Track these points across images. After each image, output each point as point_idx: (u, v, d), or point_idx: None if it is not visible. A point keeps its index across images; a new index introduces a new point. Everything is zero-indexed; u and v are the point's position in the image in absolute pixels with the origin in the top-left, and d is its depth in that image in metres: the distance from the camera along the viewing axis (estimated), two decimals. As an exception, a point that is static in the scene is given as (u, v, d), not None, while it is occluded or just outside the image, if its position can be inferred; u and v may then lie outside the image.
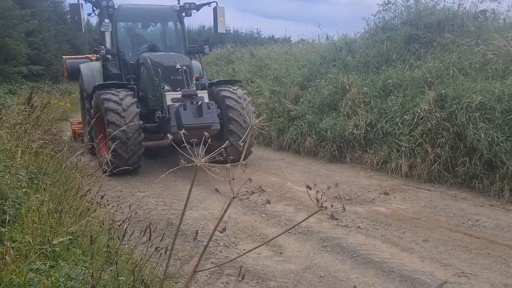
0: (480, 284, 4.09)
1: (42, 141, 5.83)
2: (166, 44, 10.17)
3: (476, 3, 10.90)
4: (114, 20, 9.30)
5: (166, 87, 8.09)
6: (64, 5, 31.11)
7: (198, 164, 1.34)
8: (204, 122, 7.68)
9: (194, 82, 8.59)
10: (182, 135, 5.94)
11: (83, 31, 9.19)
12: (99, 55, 8.97)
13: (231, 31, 38.22)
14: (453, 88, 7.98)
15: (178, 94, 7.98)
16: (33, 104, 7.26)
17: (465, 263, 4.53)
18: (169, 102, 7.81)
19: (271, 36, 35.69)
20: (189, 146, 1.52)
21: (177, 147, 1.88)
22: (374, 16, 13.07)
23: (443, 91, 7.99)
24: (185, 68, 8.21)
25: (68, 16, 32.09)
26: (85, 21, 9.02)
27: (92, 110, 8.62)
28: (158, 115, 7.98)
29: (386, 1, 12.70)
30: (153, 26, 10.35)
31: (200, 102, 7.83)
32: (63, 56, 13.95)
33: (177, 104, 7.75)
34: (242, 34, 39.97)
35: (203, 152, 1.52)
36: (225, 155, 6.67)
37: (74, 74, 11.42)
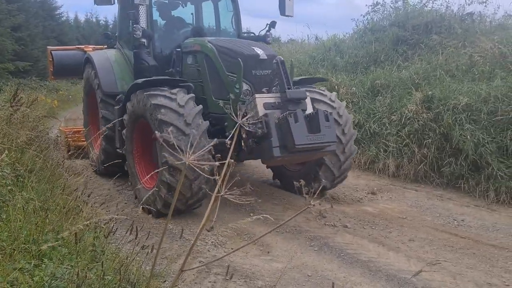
0: (465, 284, 4.14)
1: (28, 138, 5.75)
2: (211, 29, 7.79)
3: (463, 5, 11.07)
4: None
5: (245, 87, 5.73)
6: (53, 1, 30.80)
7: (187, 162, 1.32)
8: (322, 141, 5.30)
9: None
10: (285, 159, 4.90)
11: (113, 3, 7.33)
12: (134, 36, 6.45)
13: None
14: (440, 90, 8.07)
15: (273, 97, 5.60)
16: (19, 100, 7.08)
17: (450, 263, 4.58)
18: (261, 110, 5.40)
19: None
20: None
21: (165, 144, 1.78)
22: (363, 17, 13.20)
23: (430, 92, 8.08)
24: (281, 58, 5.79)
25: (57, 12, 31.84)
26: None
27: (127, 119, 6.14)
28: (248, 129, 5.38)
29: (375, 2, 12.82)
30: (183, 7, 7.71)
31: (315, 111, 5.41)
32: (47, 47, 10.76)
33: (278, 113, 5.34)
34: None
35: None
36: (322, 180, 6.35)
37: (63, 70, 9.48)
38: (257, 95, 5.50)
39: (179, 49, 6.64)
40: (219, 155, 1.83)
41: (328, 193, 6.88)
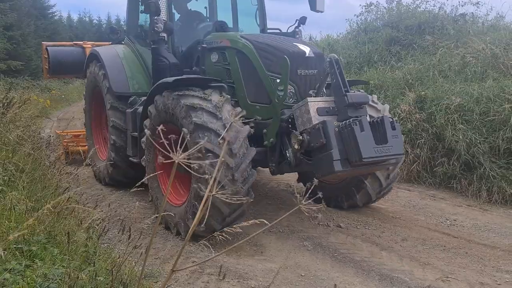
0: (457, 283, 4.16)
1: (20, 138, 5.70)
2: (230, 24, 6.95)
3: (456, 6, 11.16)
4: None
5: (289, 88, 5.01)
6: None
7: (176, 161, 1.29)
8: (389, 153, 4.54)
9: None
10: (344, 174, 4.62)
11: None
12: (154, 29, 5.70)
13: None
14: (432, 90, 8.12)
15: (326, 101, 4.84)
16: (11, 100, 6.98)
17: (443, 262, 4.61)
18: (315, 116, 4.63)
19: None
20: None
21: (154, 143, 1.74)
22: (357, 17, 13.26)
23: (423, 92, 8.12)
24: (335, 56, 4.95)
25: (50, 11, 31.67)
26: None
27: (153, 112, 5.28)
28: (302, 138, 4.61)
29: (368, 3, 12.88)
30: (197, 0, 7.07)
31: (380, 118, 4.63)
32: (43, 43, 9.92)
33: (335, 120, 4.62)
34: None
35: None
36: (357, 201, 5.86)
37: (60, 68, 8.78)
38: (309, 99, 4.73)
39: (204, 45, 5.82)
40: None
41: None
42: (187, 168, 1.35)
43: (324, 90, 5.11)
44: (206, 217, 4.18)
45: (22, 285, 2.47)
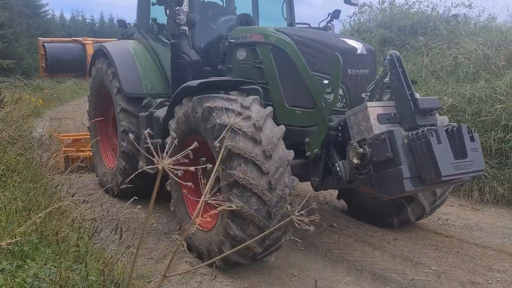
0: (449, 282, 4.19)
1: (11, 137, 5.65)
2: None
3: (449, 7, 11.25)
4: None
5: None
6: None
7: (160, 167, 1.24)
8: (470, 169, 3.89)
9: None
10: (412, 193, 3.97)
11: None
12: (176, 22, 5.02)
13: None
14: (425, 90, 8.17)
15: (387, 106, 4.16)
16: (3, 99, 6.89)
17: (435, 261, 4.63)
18: (376, 124, 3.96)
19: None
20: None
21: (138, 146, 1.71)
22: (350, 18, 13.32)
23: (416, 93, 8.15)
24: (397, 53, 4.24)
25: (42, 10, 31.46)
26: None
27: (175, 128, 4.53)
28: (363, 151, 3.88)
29: (362, 4, 12.94)
30: None
31: (456, 127, 3.92)
32: (39, 39, 9.19)
33: (402, 130, 3.82)
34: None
35: None
36: (394, 221, 5.06)
37: (58, 65, 8.23)
38: (369, 103, 4.04)
39: (232, 41, 5.15)
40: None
41: (315, 195, 6.91)
42: (175, 178, 1.31)
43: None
44: (233, 254, 3.71)
45: (13, 286, 2.45)
